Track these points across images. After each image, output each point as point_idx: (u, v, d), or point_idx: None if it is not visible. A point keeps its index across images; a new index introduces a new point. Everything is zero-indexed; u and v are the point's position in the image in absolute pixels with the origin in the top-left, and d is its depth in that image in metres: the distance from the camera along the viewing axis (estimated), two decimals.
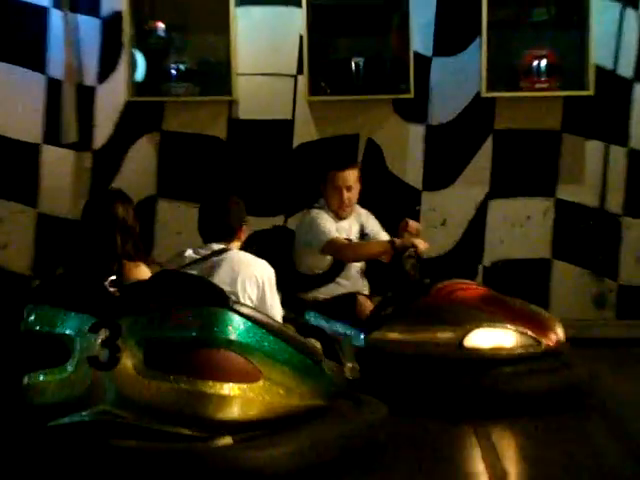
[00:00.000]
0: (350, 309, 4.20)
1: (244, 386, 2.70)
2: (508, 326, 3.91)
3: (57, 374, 2.78)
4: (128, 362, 2.66)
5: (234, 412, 2.69)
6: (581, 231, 5.38)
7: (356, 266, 4.42)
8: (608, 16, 5.22)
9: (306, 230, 4.36)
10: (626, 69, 5.29)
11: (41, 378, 2.81)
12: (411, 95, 5.25)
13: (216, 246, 3.27)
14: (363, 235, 4.51)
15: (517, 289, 4.78)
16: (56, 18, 5.29)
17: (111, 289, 2.83)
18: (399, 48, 5.31)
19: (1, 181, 5.40)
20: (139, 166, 5.42)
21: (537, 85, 5.27)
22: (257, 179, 5.33)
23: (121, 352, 2.66)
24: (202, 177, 5.32)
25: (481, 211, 5.41)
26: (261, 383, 2.74)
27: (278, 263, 3.54)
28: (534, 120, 5.38)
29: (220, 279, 3.07)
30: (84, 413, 2.70)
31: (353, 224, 4.49)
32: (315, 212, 4.40)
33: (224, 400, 2.66)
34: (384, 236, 4.48)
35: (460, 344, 3.88)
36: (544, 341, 3.92)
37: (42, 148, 5.38)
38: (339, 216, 4.40)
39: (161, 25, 5.29)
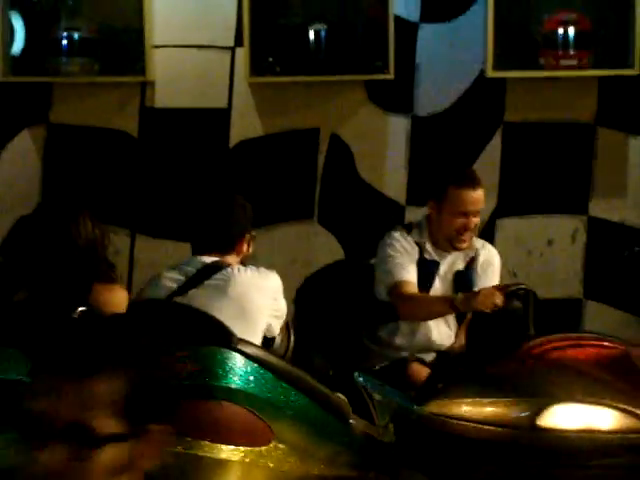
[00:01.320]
0: (401, 375, 3.31)
1: (249, 449, 2.38)
2: (606, 401, 2.84)
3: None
4: None
5: None
6: (624, 260, 3.95)
7: None
8: None
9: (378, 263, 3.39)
10: None
11: None
12: (391, 76, 3.84)
13: (207, 259, 2.69)
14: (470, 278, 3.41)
15: None
16: None
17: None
18: (374, 10, 3.90)
19: None
20: (19, 170, 3.99)
21: (563, 62, 3.86)
22: (180, 188, 3.89)
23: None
24: (103, 184, 3.88)
25: (487, 233, 3.96)
26: (271, 445, 2.41)
27: None
28: (559, 109, 3.95)
29: (222, 308, 2.59)
30: None
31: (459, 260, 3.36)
32: (394, 237, 3.31)
33: (222, 467, 2.37)
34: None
35: (533, 423, 2.86)
36: None
37: None
38: (453, 246, 3.27)
39: None
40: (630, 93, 3.89)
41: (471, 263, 3.30)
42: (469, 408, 2.94)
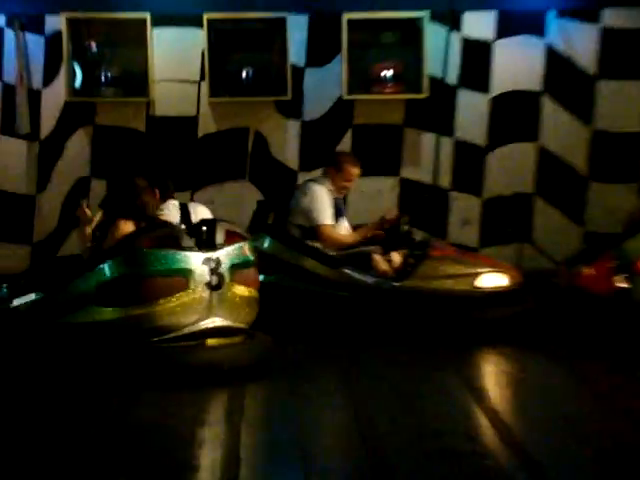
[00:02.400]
0: (367, 264, 5.31)
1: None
2: (502, 270, 5.28)
3: (185, 297, 3.92)
4: (226, 282, 3.97)
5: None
6: (420, 202, 6.86)
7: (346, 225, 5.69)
8: (438, 38, 6.70)
9: (309, 200, 5.42)
10: (452, 78, 6.78)
11: (173, 302, 3.92)
12: (289, 97, 6.68)
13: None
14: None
15: None
16: (9, 36, 6.61)
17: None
18: (280, 61, 6.70)
19: None
20: (76, 152, 6.77)
21: (385, 90, 6.75)
22: (169, 163, 6.71)
23: (223, 277, 3.95)
24: (126, 161, 6.69)
25: None
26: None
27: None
28: (383, 117, 6.83)
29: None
30: (202, 323, 3.97)
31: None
32: (320, 189, 5.47)
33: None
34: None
35: (473, 284, 5.16)
36: (519, 279, 5.28)
37: (0, 138, 6.72)
38: (339, 193, 5.64)
39: (93, 43, 6.66)
40: (423, 108, 6.80)
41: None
42: (432, 281, 5.07)
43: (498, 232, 6.85)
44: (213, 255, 3.99)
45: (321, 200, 5.42)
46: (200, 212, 4.67)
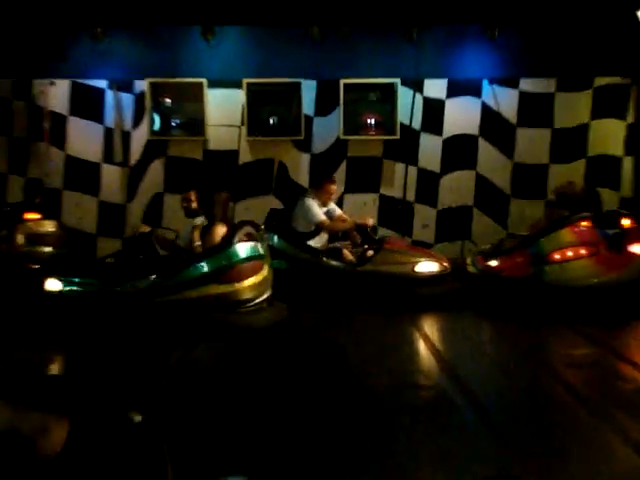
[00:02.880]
0: (339, 255, 7.61)
1: None
2: (434, 259, 7.62)
3: (261, 276, 6.00)
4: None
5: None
6: (393, 211, 9.69)
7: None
8: (407, 97, 9.52)
9: (305, 210, 7.76)
10: (416, 125, 9.61)
11: (255, 280, 6.04)
12: (302, 137, 9.52)
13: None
14: (331, 214, 8.11)
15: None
16: (109, 94, 9.47)
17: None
18: (296, 112, 9.54)
19: (79, 181, 9.53)
20: (154, 175, 9.61)
21: (370, 133, 9.61)
22: (219, 182, 9.50)
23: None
24: (189, 181, 9.51)
25: (340, 199, 9.71)
26: None
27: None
28: (368, 151, 9.67)
29: None
30: (265, 295, 6.08)
31: (329, 208, 8.19)
32: (310, 201, 7.81)
33: None
34: (340, 213, 8.21)
35: (413, 269, 7.42)
36: (447, 266, 7.60)
37: (102, 165, 9.55)
38: (324, 205, 8.00)
39: (167, 99, 9.51)
40: (396, 145, 9.61)
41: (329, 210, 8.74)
42: (385, 266, 7.34)
43: (447, 232, 9.68)
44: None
45: (312, 207, 7.85)
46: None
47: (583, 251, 7.15)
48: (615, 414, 4.08)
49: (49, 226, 8.00)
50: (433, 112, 9.54)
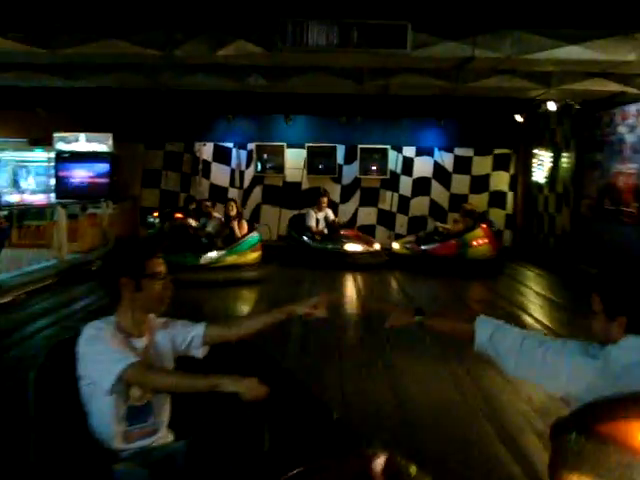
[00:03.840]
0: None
1: None
2: (360, 242, 15.41)
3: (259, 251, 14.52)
4: None
5: None
6: (385, 218, 17.54)
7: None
8: (393, 155, 17.34)
9: (305, 216, 14.96)
10: (398, 170, 17.44)
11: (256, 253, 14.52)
12: (337, 176, 17.38)
13: None
14: (326, 217, 16.06)
15: None
16: (233, 150, 17.33)
17: None
18: (334, 162, 17.39)
19: (217, 197, 17.30)
20: (256, 195, 17.46)
21: (373, 174, 17.45)
22: (291, 201, 17.34)
23: None
24: (277, 199, 17.37)
25: (357, 211, 17.53)
26: None
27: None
28: (372, 185, 17.53)
29: None
30: None
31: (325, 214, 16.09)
32: (309, 210, 14.55)
33: None
34: (332, 217, 16.18)
35: (342, 247, 14.04)
36: (373, 248, 14.89)
37: (229, 189, 17.41)
38: (320, 211, 15.42)
39: (265, 154, 17.37)
40: (387, 182, 17.49)
41: (326, 215, 16.82)
42: (336, 245, 15.86)
43: (413, 229, 17.48)
44: None
45: (308, 215, 14.16)
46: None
47: (486, 240, 14.58)
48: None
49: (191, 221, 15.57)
50: (407, 164, 17.38)
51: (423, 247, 13.80)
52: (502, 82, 10.62)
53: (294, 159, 17.36)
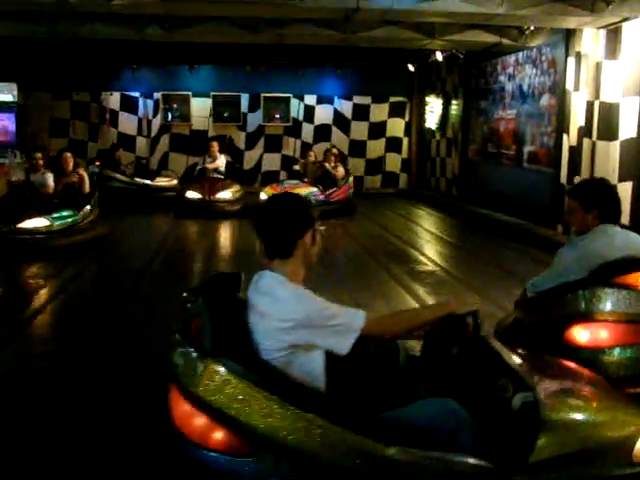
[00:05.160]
0: None
1: None
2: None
3: None
4: None
5: None
6: (289, 162, 17.81)
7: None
8: (295, 103, 17.55)
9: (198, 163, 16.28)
10: (300, 118, 17.67)
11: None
12: (241, 124, 17.48)
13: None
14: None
15: None
16: (140, 100, 17.15)
17: None
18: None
19: (125, 145, 17.11)
20: (164, 142, 17.38)
21: (276, 122, 17.64)
22: (198, 149, 17.35)
23: None
24: (184, 147, 17.35)
25: (261, 157, 17.70)
26: None
27: None
28: (275, 131, 17.73)
29: None
30: None
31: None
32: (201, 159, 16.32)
33: None
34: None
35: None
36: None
37: (137, 137, 17.27)
38: (210, 157, 16.38)
39: (171, 104, 17.26)
40: (291, 129, 17.69)
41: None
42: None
43: None
44: None
45: (198, 164, 16.17)
46: None
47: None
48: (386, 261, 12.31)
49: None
50: (309, 112, 17.62)
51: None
52: (390, 32, 10.92)
53: (200, 108, 17.34)
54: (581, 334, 3.57)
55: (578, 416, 2.69)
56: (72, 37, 11.88)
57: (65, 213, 9.55)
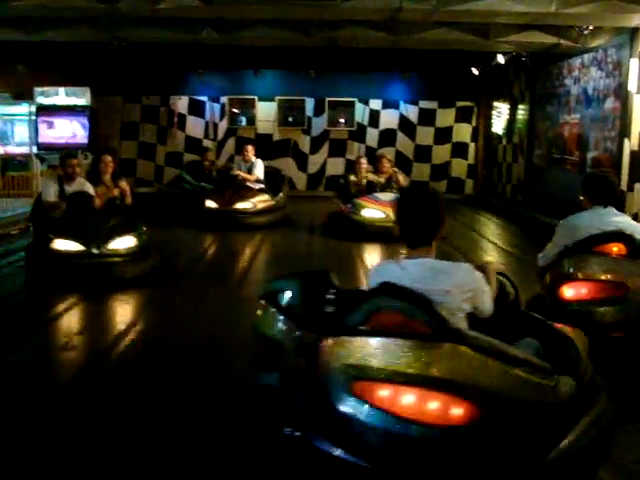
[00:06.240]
0: None
1: None
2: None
3: None
4: None
5: None
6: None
7: None
8: (360, 108, 17.30)
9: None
10: (365, 122, 17.40)
11: None
12: (306, 128, 17.36)
13: None
14: (251, 167, 16.37)
15: None
16: (207, 104, 17.27)
17: None
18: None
19: (192, 148, 17.30)
20: (230, 146, 17.45)
21: (340, 126, 17.43)
22: (263, 152, 17.32)
23: None
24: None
25: (325, 162, 17.53)
26: None
27: None
28: (340, 136, 17.52)
29: None
30: None
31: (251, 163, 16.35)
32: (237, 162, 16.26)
33: None
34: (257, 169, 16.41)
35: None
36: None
37: (203, 140, 17.39)
38: (244, 161, 16.30)
39: (237, 108, 17.31)
40: (355, 134, 17.44)
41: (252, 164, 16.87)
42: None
43: None
44: None
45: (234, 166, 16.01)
46: None
47: None
48: None
49: None
50: (374, 116, 17.33)
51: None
52: (441, 34, 10.54)
53: (265, 112, 17.32)
54: (568, 291, 4.46)
55: None
56: (132, 42, 12.02)
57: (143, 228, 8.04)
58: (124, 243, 7.56)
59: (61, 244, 7.38)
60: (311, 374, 2.70)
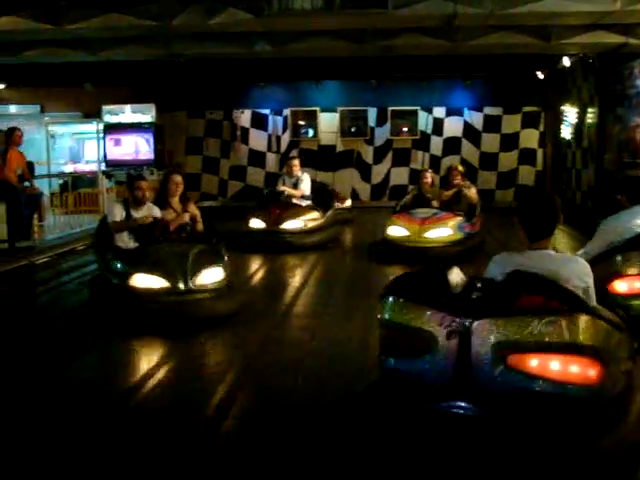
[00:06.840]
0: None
1: None
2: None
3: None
4: None
5: None
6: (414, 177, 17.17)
7: None
8: (423, 116, 16.93)
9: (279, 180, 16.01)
10: (429, 131, 17.01)
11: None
12: (369, 138, 17.09)
13: None
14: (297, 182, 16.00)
15: None
16: (270, 116, 17.22)
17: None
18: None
19: (255, 161, 17.28)
20: None
21: (404, 135, 17.10)
22: (326, 164, 17.15)
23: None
24: (312, 162, 17.21)
25: (389, 172, 17.22)
26: None
27: None
28: (404, 145, 17.17)
29: None
30: None
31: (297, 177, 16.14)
32: (282, 174, 16.07)
33: None
34: (304, 183, 16.19)
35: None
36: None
37: (267, 153, 17.36)
38: (289, 175, 16.11)
39: (299, 120, 17.21)
40: (418, 142, 17.08)
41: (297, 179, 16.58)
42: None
43: None
44: None
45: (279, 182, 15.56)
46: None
47: None
48: None
49: None
50: (438, 124, 16.93)
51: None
52: (500, 38, 10.14)
53: (327, 123, 17.14)
54: (620, 286, 4.76)
55: None
56: (190, 58, 12.04)
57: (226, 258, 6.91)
58: (211, 276, 6.43)
59: (142, 280, 6.26)
60: (463, 354, 3.01)
